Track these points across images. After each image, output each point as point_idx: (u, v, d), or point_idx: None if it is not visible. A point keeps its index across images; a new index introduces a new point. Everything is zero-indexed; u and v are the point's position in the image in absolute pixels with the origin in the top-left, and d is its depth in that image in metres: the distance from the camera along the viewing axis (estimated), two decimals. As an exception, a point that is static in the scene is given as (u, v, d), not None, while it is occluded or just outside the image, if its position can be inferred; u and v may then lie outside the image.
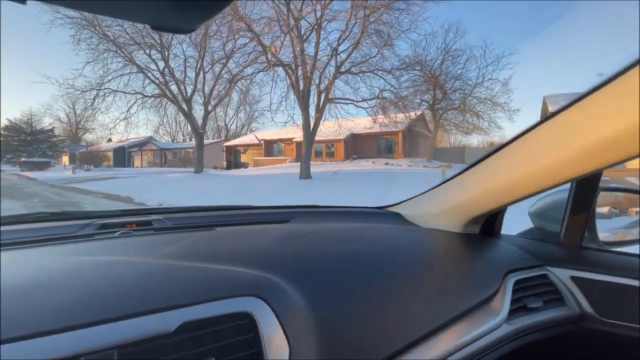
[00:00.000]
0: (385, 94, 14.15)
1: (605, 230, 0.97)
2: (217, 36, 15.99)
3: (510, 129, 22.88)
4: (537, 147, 0.71)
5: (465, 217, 0.95)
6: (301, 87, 13.41)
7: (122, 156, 39.31)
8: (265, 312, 0.49)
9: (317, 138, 24.06)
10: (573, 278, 0.87)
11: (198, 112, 19.04)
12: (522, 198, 0.80)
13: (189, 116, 17.66)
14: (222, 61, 17.45)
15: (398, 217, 1.14)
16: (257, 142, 28.03)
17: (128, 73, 16.99)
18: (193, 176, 17.29)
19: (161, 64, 17.17)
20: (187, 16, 0.32)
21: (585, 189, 0.92)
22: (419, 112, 21.88)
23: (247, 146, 29.71)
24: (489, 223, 1.02)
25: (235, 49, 16.24)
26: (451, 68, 18.34)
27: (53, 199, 10.70)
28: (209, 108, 19.28)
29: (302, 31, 13.08)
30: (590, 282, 0.85)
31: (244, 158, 30.54)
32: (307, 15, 12.72)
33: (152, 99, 18.24)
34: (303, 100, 13.49)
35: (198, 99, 18.85)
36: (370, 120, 16.57)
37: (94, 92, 16.35)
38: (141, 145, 40.06)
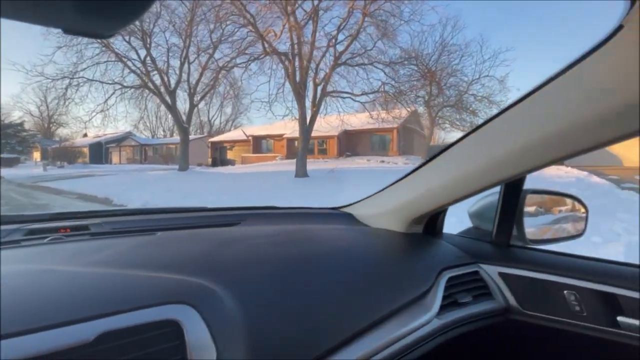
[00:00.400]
0: (387, 88, 13.40)
1: (531, 228, 1.07)
2: (204, 23, 14.83)
3: None
4: (468, 153, 0.79)
5: (409, 217, 1.01)
6: (298, 78, 12.49)
7: (99, 152, 37.09)
8: (193, 320, 0.49)
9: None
10: (500, 274, 0.95)
11: (182, 105, 17.74)
12: (457, 200, 0.88)
13: (172, 109, 16.40)
14: (209, 50, 16.27)
15: (350, 217, 1.17)
16: (244, 138, 26.83)
17: (105, 61, 15.58)
18: (177, 174, 16.08)
19: (142, 52, 15.83)
20: (103, 21, 0.30)
21: (512, 191, 0.98)
22: (412, 109, 21.35)
23: (234, 142, 28.44)
24: (431, 223, 1.09)
25: (223, 37, 15.12)
26: (447, 64, 17.76)
27: (18, 200, 9.37)
28: (195, 101, 18.04)
29: (300, 17, 12.16)
30: (514, 278, 0.93)
31: (230, 155, 29.26)
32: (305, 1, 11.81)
33: (132, 90, 16.87)
34: (300, 93, 12.57)
35: (181, 92, 17.50)
36: (364, 116, 15.85)
37: (67, 81, 14.87)
38: (119, 140, 37.93)
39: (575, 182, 9.81)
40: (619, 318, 0.77)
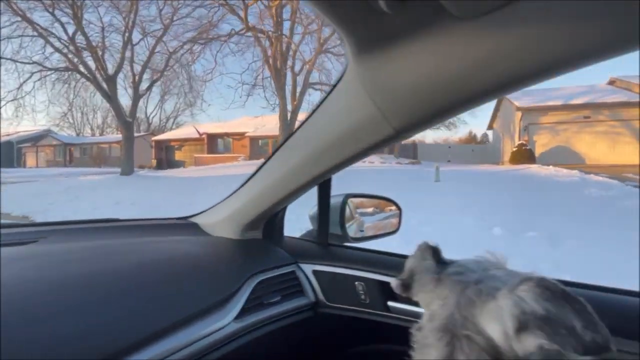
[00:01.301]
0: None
1: (355, 227, 1.21)
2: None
3: (473, 124, 22.97)
4: (281, 158, 0.87)
5: (241, 223, 1.04)
6: (278, 65, 10.61)
7: (9, 154, 30.49)
8: None
9: (262, 133, 21.34)
10: (314, 271, 1.02)
11: (121, 96, 14.47)
12: (279, 203, 0.94)
13: (113, 99, 13.31)
14: (157, 32, 13.54)
15: (194, 227, 1.15)
16: (197, 136, 23.79)
17: (20, 36, 12.05)
18: (120, 179, 13.08)
19: (71, 29, 12.55)
20: None
21: (323, 194, 1.04)
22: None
23: (183, 141, 25.16)
24: (270, 227, 1.11)
25: (177, 17, 12.57)
26: None
27: None
28: (140, 91, 15.02)
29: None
30: (324, 274, 1.00)
31: (179, 155, 25.90)
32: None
33: (57, 74, 13.41)
34: (279, 83, 10.70)
35: (119, 81, 14.25)
36: None
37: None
38: (36, 139, 31.69)
39: (581, 182, 9.45)
40: (389, 303, 0.90)
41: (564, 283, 0.36)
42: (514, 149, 15.58)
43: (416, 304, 0.67)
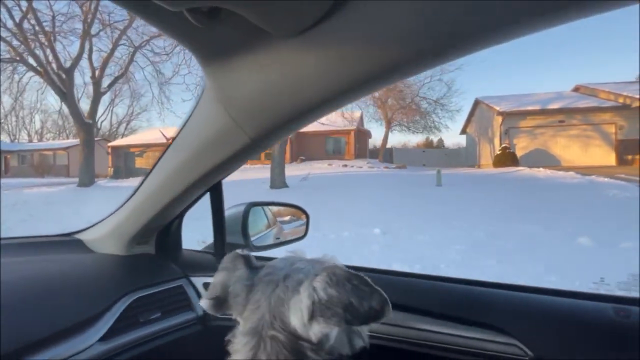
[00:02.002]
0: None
1: (274, 234, 1.25)
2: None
3: (454, 128, 23.35)
4: (158, 169, 0.84)
5: (126, 237, 0.97)
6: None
7: None
8: None
9: None
10: (204, 284, 0.98)
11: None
12: (158, 215, 0.90)
13: (69, 97, 11.31)
14: (121, 23, 11.81)
15: (78, 244, 1.08)
16: (164, 140, 21.63)
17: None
18: (80, 192, 11.10)
19: (17, 14, 10.46)
20: None
21: (215, 205, 0.99)
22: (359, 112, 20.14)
23: (145, 147, 22.81)
24: (164, 241, 1.07)
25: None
26: None
27: None
28: (102, 88, 13.05)
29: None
30: None
31: (140, 163, 23.41)
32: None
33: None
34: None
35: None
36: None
37: None
38: (-41, 145, 27.16)
39: (589, 185, 9.46)
40: None
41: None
42: (498, 152, 15.81)
43: None
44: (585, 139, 16.17)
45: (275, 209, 1.37)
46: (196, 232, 1.36)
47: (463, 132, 23.60)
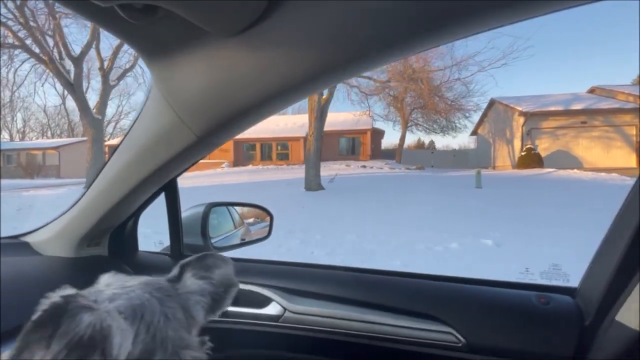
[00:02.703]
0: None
1: (241, 234, 1.25)
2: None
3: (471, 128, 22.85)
4: (108, 167, 0.81)
5: (74, 239, 0.94)
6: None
7: None
8: None
9: (265, 135, 18.98)
10: None
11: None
12: (107, 215, 0.87)
13: (76, 88, 10.22)
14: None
15: (24, 247, 1.04)
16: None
17: None
18: None
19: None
20: None
21: (172, 206, 0.98)
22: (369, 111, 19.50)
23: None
24: (118, 242, 1.04)
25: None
26: (421, 60, 16.41)
27: None
28: (111, 80, 11.97)
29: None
30: None
31: (140, 162, 22.13)
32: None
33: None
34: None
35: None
36: (331, 115, 12.77)
37: None
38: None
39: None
40: (227, 308, 0.96)
41: None
42: (523, 154, 15.41)
43: (253, 306, 0.90)
44: (607, 140, 15.93)
45: (241, 209, 1.39)
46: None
47: (474, 133, 23.26)
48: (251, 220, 1.36)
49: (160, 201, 1.00)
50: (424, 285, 0.83)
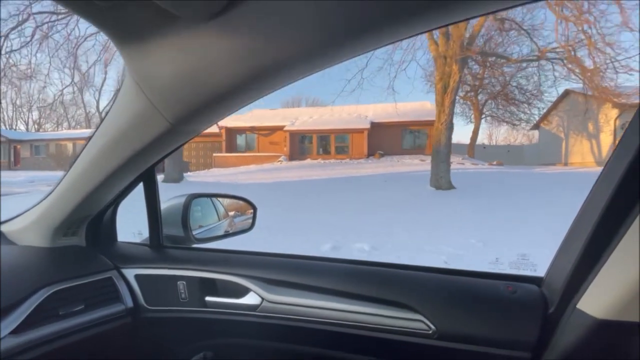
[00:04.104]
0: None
1: (226, 225, 1.26)
2: None
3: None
4: (82, 156, 0.80)
5: (50, 228, 0.93)
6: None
7: None
8: None
9: (320, 127, 17.45)
10: (136, 276, 0.96)
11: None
12: (82, 204, 0.87)
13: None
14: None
15: None
16: (215, 130, 19.11)
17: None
18: (172, 188, 8.68)
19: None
20: None
21: (150, 197, 0.97)
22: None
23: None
24: (95, 232, 1.03)
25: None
26: (497, 42, 14.72)
27: None
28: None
29: None
30: (146, 277, 0.96)
31: (185, 156, 20.83)
32: None
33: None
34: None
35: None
36: (381, 107, 11.27)
37: None
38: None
39: None
40: (206, 298, 0.92)
41: None
42: (621, 149, 13.81)
43: (232, 296, 0.90)
44: None
45: (227, 201, 1.39)
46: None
47: (536, 126, 21.60)
48: (232, 213, 1.38)
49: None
50: (397, 274, 0.84)
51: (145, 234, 1.03)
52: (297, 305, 0.84)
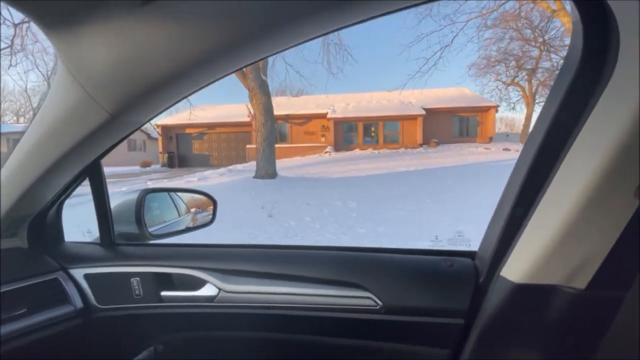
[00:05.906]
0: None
1: (188, 220, 1.25)
2: None
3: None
4: (20, 147, 0.75)
5: None
6: None
7: None
8: None
9: (367, 114, 15.84)
10: (86, 275, 0.92)
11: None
12: (18, 202, 0.81)
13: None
14: None
15: None
16: (234, 119, 17.05)
17: None
18: (270, 186, 7.09)
19: None
20: None
21: (98, 193, 0.93)
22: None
23: (207, 127, 18.09)
24: (38, 232, 0.97)
25: None
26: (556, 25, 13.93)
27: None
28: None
29: None
30: (97, 276, 0.92)
31: (197, 147, 18.68)
32: None
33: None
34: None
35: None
36: (425, 93, 10.26)
37: None
38: None
39: None
40: (162, 293, 0.90)
41: None
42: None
43: (188, 289, 0.88)
44: None
45: (189, 196, 1.37)
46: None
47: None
48: (193, 209, 1.35)
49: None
50: (346, 256, 0.87)
51: (96, 232, 0.99)
52: (253, 292, 0.85)
